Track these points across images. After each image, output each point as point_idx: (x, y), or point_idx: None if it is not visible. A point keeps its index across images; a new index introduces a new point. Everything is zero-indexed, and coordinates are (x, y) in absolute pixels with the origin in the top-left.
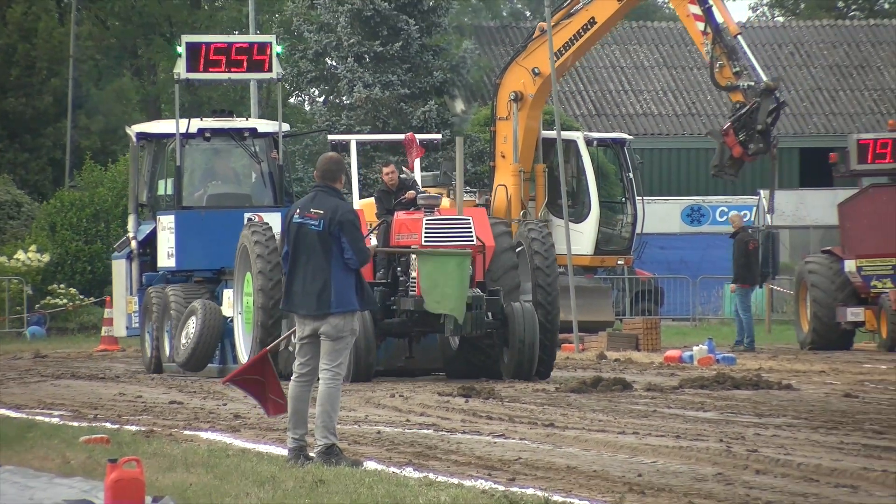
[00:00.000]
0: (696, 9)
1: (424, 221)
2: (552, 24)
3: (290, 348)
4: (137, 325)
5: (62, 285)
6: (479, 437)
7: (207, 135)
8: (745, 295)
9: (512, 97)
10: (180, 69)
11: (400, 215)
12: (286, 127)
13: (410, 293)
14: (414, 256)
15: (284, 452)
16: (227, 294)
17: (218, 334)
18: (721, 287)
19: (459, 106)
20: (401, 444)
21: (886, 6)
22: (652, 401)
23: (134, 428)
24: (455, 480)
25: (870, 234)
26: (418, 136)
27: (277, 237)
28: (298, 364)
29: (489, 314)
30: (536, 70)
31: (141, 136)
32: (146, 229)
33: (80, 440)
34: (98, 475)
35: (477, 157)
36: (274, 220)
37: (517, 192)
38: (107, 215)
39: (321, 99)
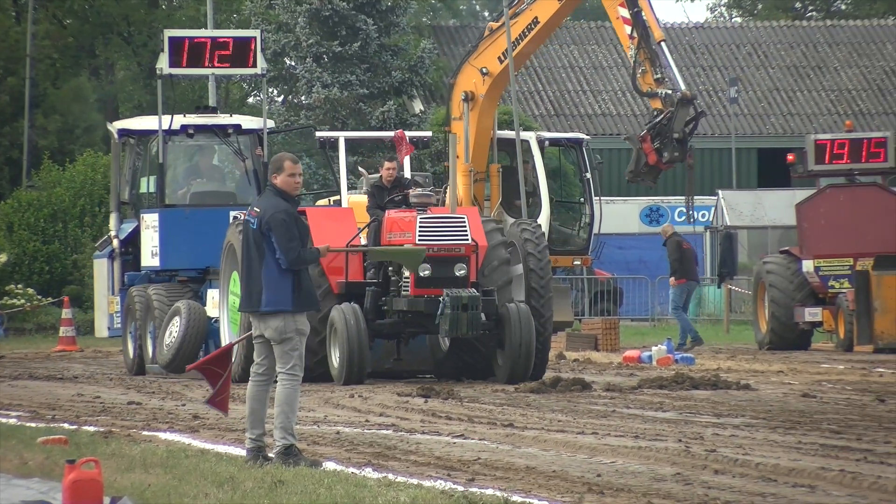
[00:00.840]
0: (625, 12)
1: (418, 220)
2: (500, 24)
3: None
4: (119, 325)
5: (20, 285)
6: (438, 437)
7: (191, 131)
8: (678, 294)
9: (462, 97)
10: (163, 64)
11: (391, 213)
12: (270, 123)
13: (403, 293)
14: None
15: (243, 453)
16: (212, 294)
17: (202, 335)
18: None
19: (418, 106)
20: (360, 445)
21: (843, 7)
22: (611, 401)
23: (92, 429)
24: (414, 481)
25: (827, 235)
26: (408, 134)
27: None
28: (255, 364)
29: (483, 315)
30: (485, 70)
31: (123, 132)
32: (128, 228)
33: (38, 441)
34: (56, 476)
35: (435, 157)
36: None
37: (467, 193)
38: (64, 215)
39: (280, 99)
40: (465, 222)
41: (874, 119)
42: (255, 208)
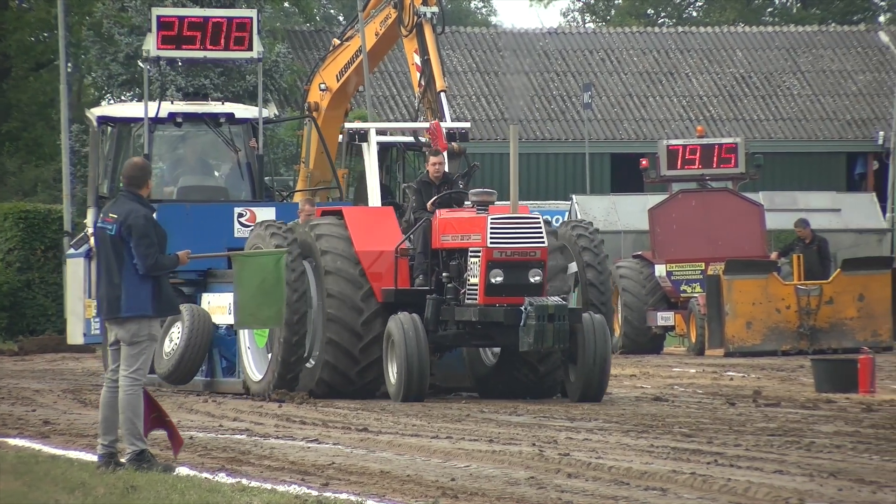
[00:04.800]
0: (418, 58)
1: (490, 220)
2: (343, 40)
3: (308, 364)
4: (98, 331)
5: None
6: (292, 441)
7: (179, 120)
8: None
9: (306, 108)
10: (150, 46)
11: (444, 213)
12: (266, 113)
13: (468, 301)
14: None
15: (95, 459)
16: (208, 299)
17: (207, 343)
18: None
19: (272, 110)
20: (214, 450)
21: (694, 14)
22: (465, 405)
23: None
24: (268, 486)
25: (679, 240)
26: (444, 126)
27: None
28: (110, 370)
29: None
30: (323, 86)
31: (102, 120)
32: None
33: None
34: None
35: (291, 161)
36: (267, 215)
37: (302, 197)
38: None
39: (133, 102)
40: (540, 223)
41: (725, 125)
42: (112, 214)
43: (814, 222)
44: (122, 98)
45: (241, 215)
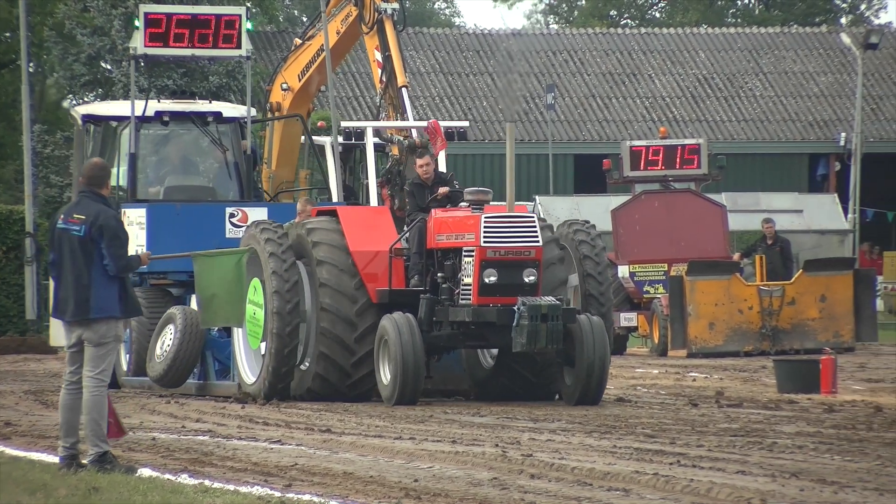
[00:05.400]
0: (379, 55)
1: (483, 219)
2: (304, 39)
3: (303, 366)
4: None
5: None
6: (255, 443)
7: (166, 118)
8: None
9: (268, 108)
10: (137, 43)
11: (439, 213)
12: (252, 112)
13: (463, 302)
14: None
15: (57, 460)
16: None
17: (200, 345)
18: None
19: None
20: (176, 451)
21: (657, 16)
22: (428, 406)
23: None
24: (231, 487)
25: (642, 241)
26: (442, 124)
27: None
28: (69, 372)
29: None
30: (285, 86)
31: (87, 118)
32: None
33: None
34: None
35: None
36: (259, 215)
37: (302, 197)
38: None
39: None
40: (534, 222)
41: (688, 126)
42: (78, 215)
43: (776, 223)
44: (85, 99)
45: (232, 215)
